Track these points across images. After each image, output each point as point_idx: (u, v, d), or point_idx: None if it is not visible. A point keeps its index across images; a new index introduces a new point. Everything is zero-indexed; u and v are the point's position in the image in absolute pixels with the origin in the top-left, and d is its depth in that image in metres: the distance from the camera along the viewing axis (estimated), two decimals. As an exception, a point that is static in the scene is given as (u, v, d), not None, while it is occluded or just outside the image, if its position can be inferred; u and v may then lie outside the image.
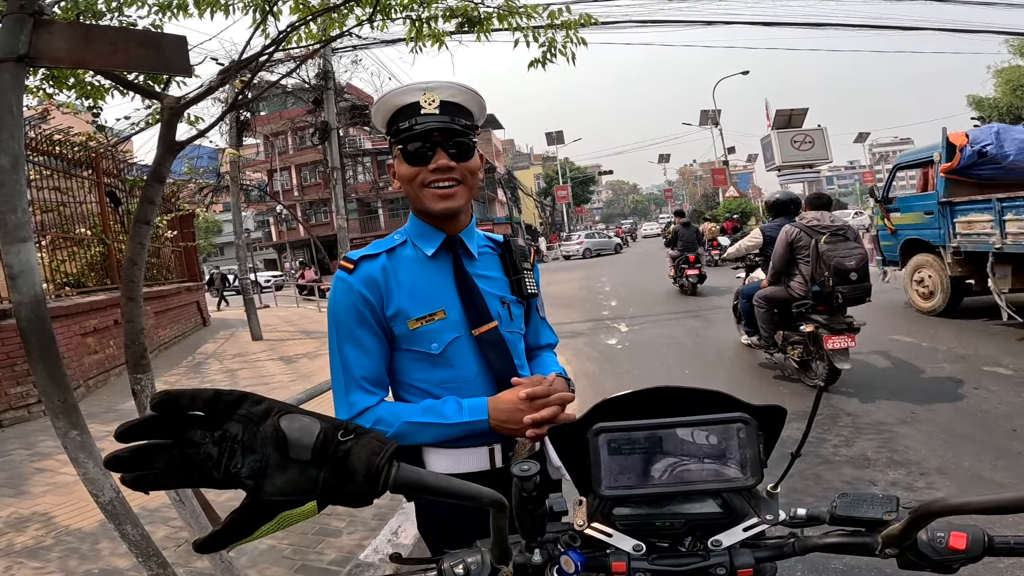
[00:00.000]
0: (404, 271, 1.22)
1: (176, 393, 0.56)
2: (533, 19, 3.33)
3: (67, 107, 4.28)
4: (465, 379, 1.22)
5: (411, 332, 1.19)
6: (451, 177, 1.19)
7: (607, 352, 7.35)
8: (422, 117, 1.17)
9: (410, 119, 1.17)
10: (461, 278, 1.24)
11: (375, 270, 1.20)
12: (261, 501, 0.58)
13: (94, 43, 1.90)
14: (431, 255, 1.24)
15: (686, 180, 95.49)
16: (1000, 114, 26.24)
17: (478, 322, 1.22)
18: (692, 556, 0.80)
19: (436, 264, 1.24)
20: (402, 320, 1.19)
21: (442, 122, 1.17)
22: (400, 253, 1.25)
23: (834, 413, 4.19)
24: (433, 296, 1.21)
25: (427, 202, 1.20)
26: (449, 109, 1.19)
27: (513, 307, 1.30)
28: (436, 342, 1.20)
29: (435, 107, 1.17)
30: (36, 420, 5.57)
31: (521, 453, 1.23)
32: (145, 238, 2.35)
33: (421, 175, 1.19)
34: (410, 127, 1.17)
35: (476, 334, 1.22)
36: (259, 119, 14.89)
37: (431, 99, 1.18)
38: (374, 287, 1.19)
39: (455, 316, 1.22)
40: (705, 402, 0.83)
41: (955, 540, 0.71)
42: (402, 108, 1.19)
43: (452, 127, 1.17)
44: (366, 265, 1.21)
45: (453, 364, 1.22)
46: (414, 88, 1.19)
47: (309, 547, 2.90)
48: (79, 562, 2.92)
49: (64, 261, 7.49)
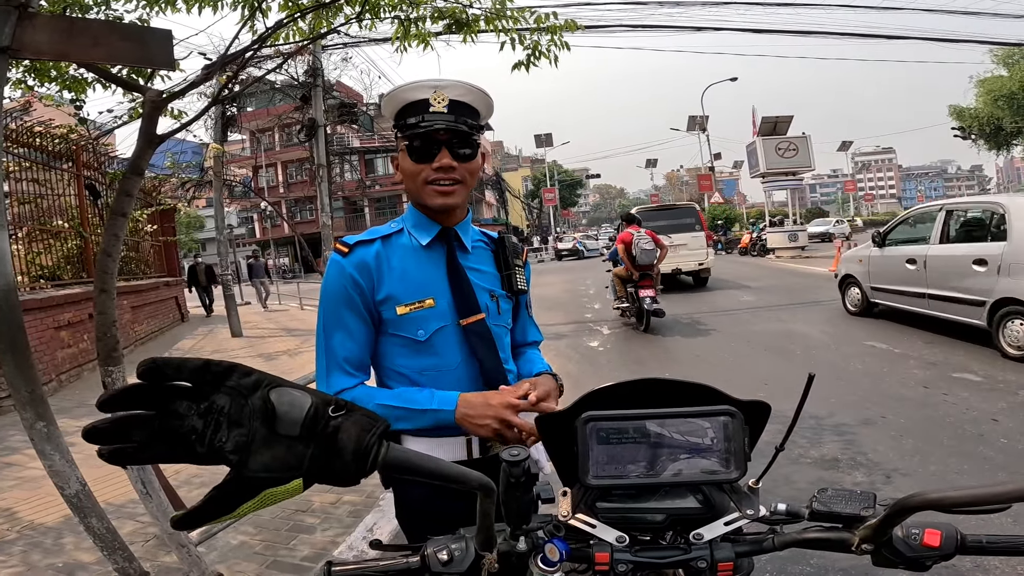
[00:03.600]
0: (397, 258, 1.25)
1: (163, 361, 0.53)
2: (520, 23, 3.36)
3: (49, 100, 4.23)
4: (447, 367, 1.25)
5: (399, 317, 1.22)
6: (452, 177, 1.22)
7: (588, 354, 7.40)
8: (430, 115, 1.19)
9: (418, 116, 1.19)
10: (453, 269, 1.28)
11: (368, 255, 1.23)
12: (245, 477, 0.55)
13: (77, 36, 1.89)
14: (426, 245, 1.27)
15: (672, 185, 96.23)
16: (980, 124, 26.70)
17: (466, 313, 1.25)
18: (674, 549, 0.81)
19: (430, 254, 1.28)
20: (391, 305, 1.22)
21: (449, 122, 1.19)
22: (396, 241, 1.28)
23: (802, 416, 4.26)
24: (424, 284, 1.24)
25: (426, 198, 1.23)
26: (457, 108, 1.21)
27: (502, 302, 1.33)
28: (422, 329, 1.23)
29: (444, 106, 1.19)
30: (6, 415, 5.47)
31: (497, 444, 1.24)
32: (121, 230, 2.34)
33: (424, 172, 1.21)
34: (417, 124, 1.19)
35: (463, 324, 1.25)
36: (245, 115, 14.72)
37: (440, 97, 1.19)
38: (365, 271, 1.22)
39: (444, 305, 1.25)
40: (692, 395, 0.84)
41: (929, 537, 0.73)
42: (411, 103, 1.21)
43: (458, 128, 1.20)
44: (360, 250, 1.24)
45: (437, 352, 1.24)
46: (425, 85, 1.20)
47: (281, 543, 2.89)
48: (42, 556, 2.88)
49: (40, 254, 7.36)
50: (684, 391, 0.84)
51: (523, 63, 3.49)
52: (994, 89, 25.48)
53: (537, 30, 3.38)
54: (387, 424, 0.61)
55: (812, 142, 24.46)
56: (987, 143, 27.69)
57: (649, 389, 0.85)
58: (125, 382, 2.23)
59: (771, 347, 6.82)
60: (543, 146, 47.89)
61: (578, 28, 3.56)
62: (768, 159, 23.96)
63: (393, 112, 1.25)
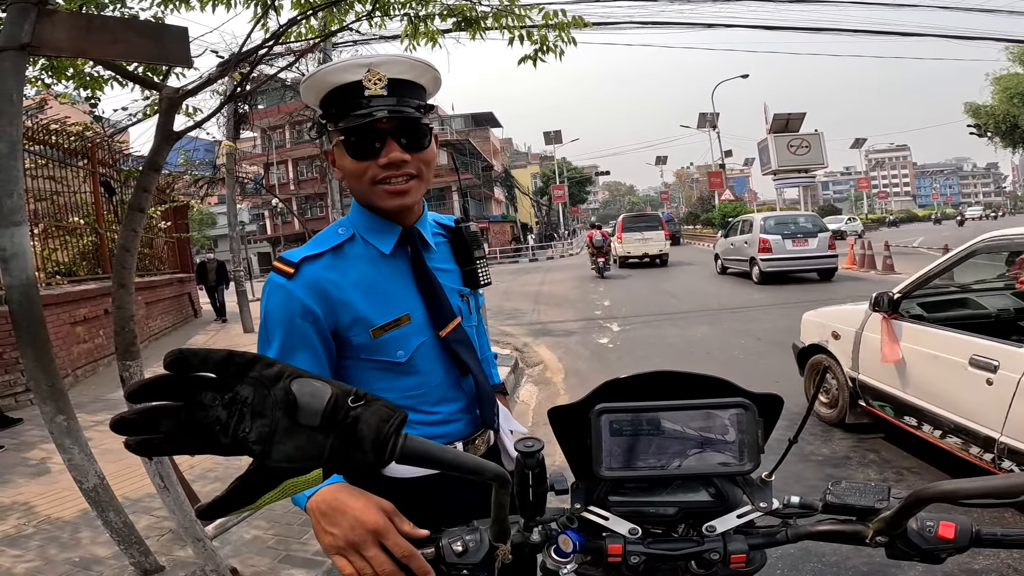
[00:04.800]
0: (357, 272, 1.06)
1: (189, 352, 0.54)
2: (528, 20, 3.37)
3: (65, 97, 4.28)
4: (431, 384, 1.11)
5: (374, 341, 1.05)
6: (405, 172, 1.03)
7: (598, 351, 7.39)
8: (367, 100, 0.99)
9: (352, 103, 0.99)
10: (422, 275, 1.11)
11: (321, 274, 1.03)
12: (267, 467, 0.56)
13: (95, 33, 1.92)
14: (389, 253, 1.09)
15: (682, 183, 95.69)
16: (997, 122, 26.38)
17: (442, 322, 1.11)
18: (687, 541, 0.81)
19: (393, 262, 1.10)
20: (362, 329, 1.04)
21: (391, 106, 0.99)
22: (349, 251, 1.08)
23: (812, 412, 4.24)
24: (395, 299, 1.08)
25: (378, 200, 1.05)
26: (398, 88, 1.01)
27: (470, 299, 1.20)
28: (402, 349, 1.07)
29: (382, 88, 0.99)
30: (23, 409, 5.56)
31: (480, 447, 1.19)
32: (139, 225, 2.37)
33: (370, 171, 1.02)
34: (353, 113, 0.99)
35: (443, 335, 1.11)
36: (257, 112, 14.80)
37: (376, 77, 0.99)
38: (320, 295, 1.02)
39: (419, 319, 1.09)
40: (705, 388, 0.84)
41: (944, 529, 0.72)
42: (340, 87, 1.00)
43: (404, 112, 1.00)
44: (309, 268, 1.03)
45: (419, 370, 1.10)
46: (354, 64, 1.00)
47: (294, 537, 2.92)
48: (59, 550, 2.92)
49: (56, 250, 7.46)
50: (697, 383, 0.84)
51: (530, 57, 3.51)
52: (1010, 87, 25.25)
53: (546, 26, 3.39)
54: (405, 415, 0.61)
55: (825, 139, 24.26)
56: (1003, 141, 27.37)
57: (662, 381, 0.85)
58: (143, 376, 2.26)
59: (783, 343, 6.77)
60: (552, 143, 47.78)
61: (586, 25, 3.56)
62: (780, 156, 23.82)
63: (317, 99, 1.04)
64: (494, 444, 1.23)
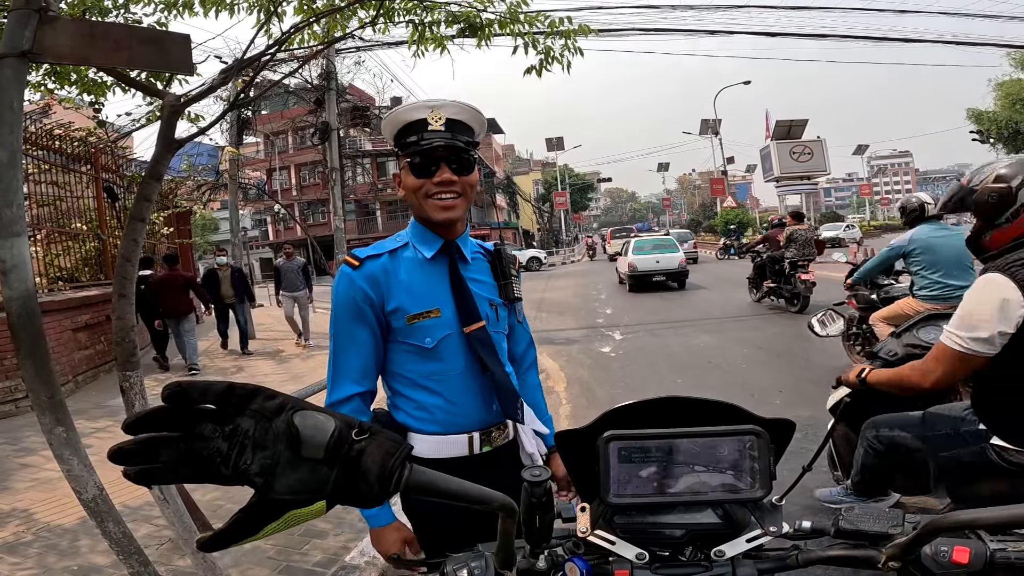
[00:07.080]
0: (404, 271, 1.34)
1: (188, 384, 0.54)
2: (533, 27, 3.36)
3: (68, 102, 4.29)
4: (451, 372, 1.34)
5: (408, 326, 1.31)
6: (452, 190, 1.30)
7: (601, 360, 7.36)
8: (429, 133, 1.28)
9: (417, 134, 1.28)
10: (456, 280, 1.36)
11: (378, 268, 1.32)
12: (270, 500, 0.56)
13: (98, 40, 1.90)
14: (430, 258, 1.35)
15: (684, 189, 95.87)
16: (999, 128, 26.38)
17: (468, 321, 1.34)
18: (694, 566, 0.80)
19: (434, 266, 1.36)
20: (401, 315, 1.31)
21: (447, 139, 1.28)
22: (401, 254, 1.36)
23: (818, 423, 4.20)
24: (430, 295, 1.33)
25: (430, 212, 1.31)
26: (453, 126, 1.29)
27: (500, 309, 1.42)
28: (430, 337, 1.32)
29: (441, 124, 1.28)
30: (24, 415, 5.54)
31: (497, 440, 1.38)
32: (140, 235, 2.35)
33: (425, 187, 1.30)
34: (417, 142, 1.28)
35: (467, 332, 1.33)
36: (260, 118, 14.90)
37: (437, 116, 1.28)
38: (375, 284, 1.30)
39: (448, 315, 1.33)
40: (715, 413, 0.83)
41: (958, 554, 0.71)
42: (410, 124, 1.30)
43: (456, 144, 1.29)
44: (370, 263, 1.32)
45: (443, 358, 1.33)
46: (422, 106, 1.30)
47: (294, 548, 2.89)
48: (58, 558, 2.90)
49: (59, 255, 7.47)
50: (707, 409, 0.83)
51: (535, 68, 3.49)
52: (1012, 92, 25.25)
53: (551, 34, 3.37)
54: (410, 447, 0.62)
55: (827, 146, 24.29)
56: (1005, 147, 27.34)
57: (671, 407, 0.84)
58: (143, 386, 2.24)
59: (784, 352, 6.75)
60: (554, 149, 47.75)
61: (591, 32, 3.55)
62: (782, 163, 23.86)
63: (393, 132, 1.34)
64: (512, 440, 1.42)
